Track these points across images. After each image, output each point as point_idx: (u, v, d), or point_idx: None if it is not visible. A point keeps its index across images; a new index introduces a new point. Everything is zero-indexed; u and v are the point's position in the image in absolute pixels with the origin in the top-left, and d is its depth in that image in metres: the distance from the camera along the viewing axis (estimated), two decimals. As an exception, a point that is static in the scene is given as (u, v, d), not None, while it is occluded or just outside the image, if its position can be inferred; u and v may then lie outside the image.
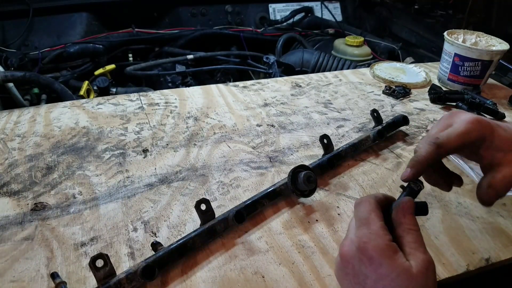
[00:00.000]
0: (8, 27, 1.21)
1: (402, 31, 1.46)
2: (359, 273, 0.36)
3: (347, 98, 0.89)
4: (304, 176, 0.53)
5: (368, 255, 0.35)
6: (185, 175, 0.62)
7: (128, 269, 0.43)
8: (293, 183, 0.55)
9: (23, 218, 0.53)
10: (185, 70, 1.18)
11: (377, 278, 0.34)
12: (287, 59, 1.22)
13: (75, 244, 0.49)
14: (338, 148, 0.66)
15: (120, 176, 0.61)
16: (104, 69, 1.11)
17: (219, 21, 1.47)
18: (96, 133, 0.72)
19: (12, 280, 0.44)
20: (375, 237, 0.36)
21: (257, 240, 0.51)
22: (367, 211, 0.39)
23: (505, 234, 0.53)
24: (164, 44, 1.32)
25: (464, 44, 0.91)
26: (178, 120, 0.77)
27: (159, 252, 0.45)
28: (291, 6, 1.53)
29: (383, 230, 0.37)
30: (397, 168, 0.66)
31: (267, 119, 0.79)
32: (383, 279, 0.34)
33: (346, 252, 0.37)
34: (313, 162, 0.62)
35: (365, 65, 1.18)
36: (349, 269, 0.36)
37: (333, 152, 0.64)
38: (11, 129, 0.72)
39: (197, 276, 0.46)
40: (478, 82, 0.92)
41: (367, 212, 0.38)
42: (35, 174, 0.61)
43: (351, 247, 0.37)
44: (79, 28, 1.29)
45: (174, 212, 0.55)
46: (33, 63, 1.12)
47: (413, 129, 0.77)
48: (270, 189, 0.55)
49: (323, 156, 0.63)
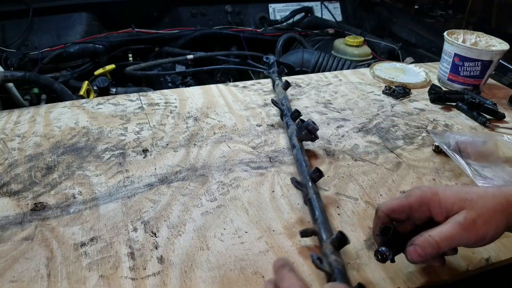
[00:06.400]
0: (8, 27, 1.21)
1: (402, 31, 1.46)
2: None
3: (347, 98, 0.89)
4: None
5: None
6: (185, 175, 0.62)
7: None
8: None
9: (23, 218, 0.53)
10: (185, 70, 1.18)
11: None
12: (287, 59, 1.22)
13: (75, 244, 0.49)
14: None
15: (120, 176, 0.61)
16: (104, 69, 1.11)
17: (219, 21, 1.47)
18: (96, 133, 0.72)
19: (12, 280, 0.44)
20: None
21: (257, 240, 0.51)
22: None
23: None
24: (164, 44, 1.32)
25: (464, 44, 0.91)
26: (178, 120, 0.77)
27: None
28: (291, 6, 1.53)
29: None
30: (397, 168, 0.66)
31: (267, 119, 0.79)
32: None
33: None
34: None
35: (365, 65, 1.18)
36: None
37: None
38: (11, 129, 0.72)
39: (197, 276, 0.46)
40: (478, 82, 0.92)
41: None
42: (35, 174, 0.61)
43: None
44: (79, 28, 1.29)
45: (174, 212, 0.55)
46: (33, 63, 1.12)
47: (413, 129, 0.77)
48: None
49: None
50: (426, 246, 0.40)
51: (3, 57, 1.03)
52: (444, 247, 0.40)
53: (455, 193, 0.42)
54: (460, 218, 0.40)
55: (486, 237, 0.40)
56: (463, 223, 0.40)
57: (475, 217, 0.40)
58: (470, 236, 0.40)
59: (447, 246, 0.41)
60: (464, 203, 0.41)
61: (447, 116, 0.83)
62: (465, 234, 0.40)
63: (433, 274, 0.47)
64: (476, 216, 0.40)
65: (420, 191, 0.43)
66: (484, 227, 0.40)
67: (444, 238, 0.40)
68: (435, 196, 0.42)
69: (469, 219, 0.40)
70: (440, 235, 0.40)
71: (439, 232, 0.41)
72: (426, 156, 0.69)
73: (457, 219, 0.40)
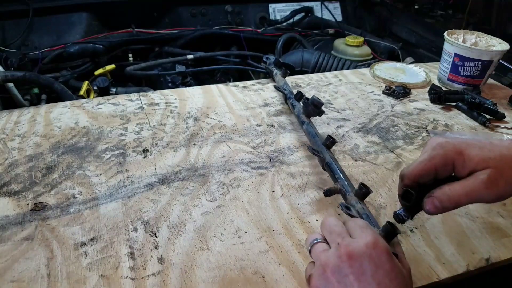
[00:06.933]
0: (8, 27, 1.21)
1: (402, 31, 1.46)
2: (364, 271, 0.36)
3: (347, 98, 0.89)
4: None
5: (378, 254, 0.37)
6: (185, 175, 0.62)
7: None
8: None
9: (23, 218, 0.53)
10: (185, 70, 1.17)
11: (383, 275, 0.36)
12: (287, 59, 1.22)
13: (75, 244, 0.49)
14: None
15: (120, 176, 0.61)
16: (104, 69, 1.11)
17: (219, 21, 1.47)
18: (96, 133, 0.72)
19: (12, 280, 0.44)
20: (381, 239, 0.39)
21: (257, 240, 0.51)
22: (366, 222, 0.43)
23: (505, 234, 0.53)
24: (164, 44, 1.32)
25: (464, 44, 0.91)
26: (178, 120, 0.77)
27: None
28: (291, 6, 1.53)
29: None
30: (397, 168, 0.66)
31: (267, 119, 0.79)
32: (388, 276, 0.36)
33: (354, 250, 0.38)
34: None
35: (365, 65, 1.18)
36: (355, 268, 0.37)
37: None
38: (11, 129, 0.72)
39: (197, 276, 0.46)
40: (478, 82, 0.92)
41: (367, 222, 0.42)
42: (35, 174, 0.61)
43: (359, 245, 0.38)
44: (79, 28, 1.29)
45: (174, 212, 0.55)
46: (33, 63, 1.12)
47: (413, 129, 0.77)
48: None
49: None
50: (444, 199, 0.41)
51: (3, 57, 1.03)
52: (463, 202, 0.41)
53: (479, 152, 0.41)
54: (483, 176, 0.40)
55: (505, 195, 0.41)
56: (486, 181, 0.40)
57: (498, 176, 0.40)
58: (490, 194, 0.40)
59: (466, 202, 0.41)
60: (488, 162, 0.40)
61: (447, 116, 0.83)
62: (486, 191, 0.40)
63: (433, 274, 0.47)
64: (499, 175, 0.40)
65: (444, 151, 0.42)
66: (505, 186, 0.40)
67: (465, 193, 0.40)
68: (459, 156, 0.41)
69: (493, 178, 0.40)
70: (461, 190, 0.40)
71: (461, 187, 0.41)
72: (426, 156, 0.69)
73: (480, 176, 0.40)
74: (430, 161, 0.42)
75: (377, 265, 0.37)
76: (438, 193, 0.41)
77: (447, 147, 0.42)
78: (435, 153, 0.42)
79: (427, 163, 0.42)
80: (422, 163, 0.43)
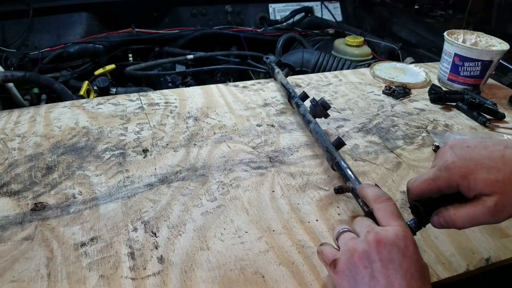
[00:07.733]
0: (8, 27, 1.21)
1: (402, 31, 1.46)
2: (392, 259, 0.37)
3: (347, 98, 0.89)
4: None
5: (407, 244, 0.38)
6: (185, 175, 0.62)
7: None
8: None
9: (23, 218, 0.53)
10: (185, 70, 1.17)
11: (410, 264, 0.37)
12: (287, 59, 1.22)
13: (75, 244, 0.49)
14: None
15: (120, 176, 0.61)
16: (104, 69, 1.11)
17: (219, 21, 1.47)
18: (96, 133, 0.72)
19: (12, 280, 0.44)
20: (409, 230, 0.40)
21: (257, 240, 0.51)
22: (397, 209, 0.43)
23: (505, 234, 0.53)
24: (164, 44, 1.32)
25: (464, 44, 0.91)
26: (178, 120, 0.77)
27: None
28: (291, 6, 1.53)
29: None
30: (397, 168, 0.66)
31: (267, 119, 0.79)
32: (414, 266, 0.37)
33: (384, 238, 0.38)
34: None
35: (365, 65, 1.18)
36: (383, 255, 0.38)
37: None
38: (11, 129, 0.72)
39: (197, 276, 0.46)
40: (478, 82, 0.92)
41: (398, 210, 0.43)
42: (35, 174, 0.61)
43: (389, 233, 0.39)
44: (79, 28, 1.29)
45: (174, 212, 0.55)
46: (33, 63, 1.12)
47: (413, 129, 0.77)
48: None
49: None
50: (449, 222, 0.42)
51: (3, 57, 1.03)
52: (467, 227, 0.41)
53: (485, 176, 0.40)
54: (489, 203, 0.39)
55: (509, 218, 0.40)
56: (493, 209, 0.39)
57: (504, 202, 0.39)
58: (496, 220, 0.40)
59: (471, 226, 0.41)
60: (495, 186, 0.39)
61: (447, 116, 0.83)
62: (492, 218, 0.40)
63: (433, 274, 0.47)
64: (506, 201, 0.39)
65: (448, 174, 0.41)
66: (511, 210, 0.40)
67: (469, 220, 0.40)
68: (463, 180, 0.41)
69: (499, 205, 0.39)
70: (465, 217, 0.41)
71: (466, 213, 0.41)
72: (426, 156, 0.69)
73: (486, 203, 0.39)
74: (435, 181, 0.42)
75: (404, 255, 0.37)
76: (444, 214, 0.42)
77: (452, 170, 0.41)
78: (439, 175, 0.42)
79: (431, 182, 0.42)
80: (426, 182, 0.42)
